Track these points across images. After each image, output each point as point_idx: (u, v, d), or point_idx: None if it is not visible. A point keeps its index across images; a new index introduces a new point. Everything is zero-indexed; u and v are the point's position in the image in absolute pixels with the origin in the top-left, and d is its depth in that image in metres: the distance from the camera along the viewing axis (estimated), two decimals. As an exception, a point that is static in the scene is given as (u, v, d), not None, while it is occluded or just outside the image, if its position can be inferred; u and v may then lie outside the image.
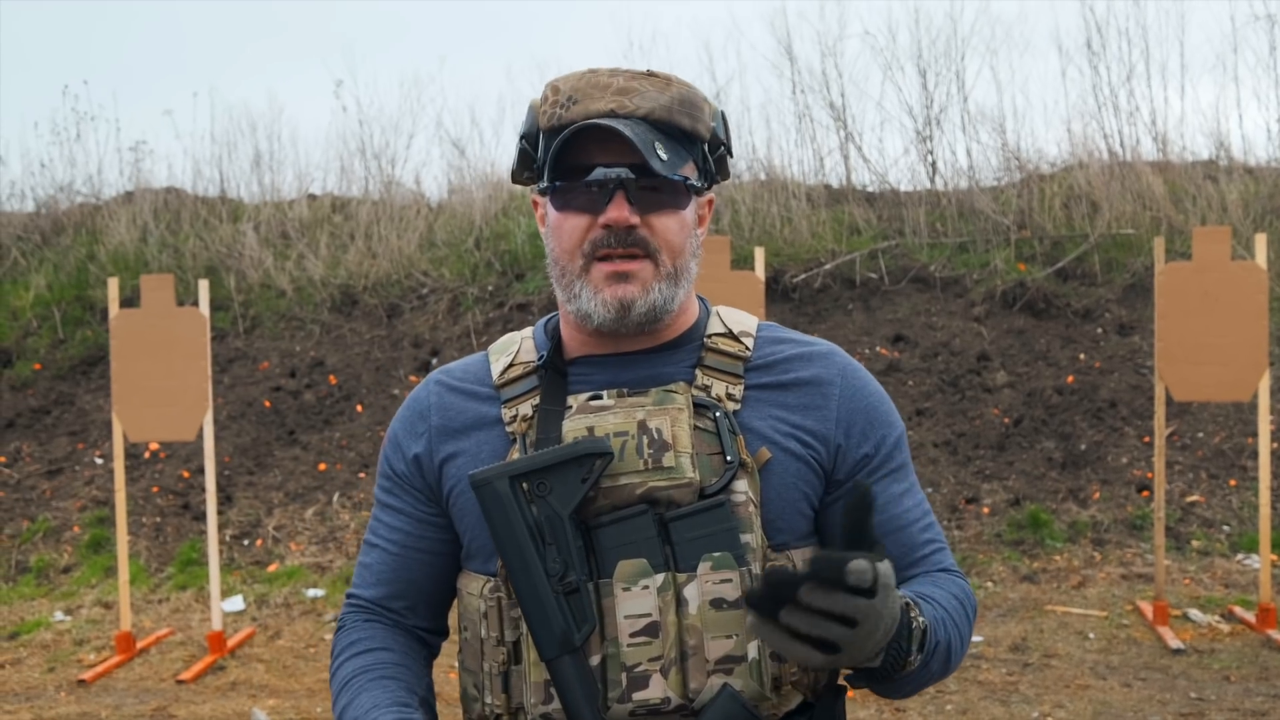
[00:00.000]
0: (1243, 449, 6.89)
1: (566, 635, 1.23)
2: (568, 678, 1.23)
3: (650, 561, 1.26)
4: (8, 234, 9.70)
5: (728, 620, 1.25)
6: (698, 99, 1.34)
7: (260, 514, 7.10)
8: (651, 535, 1.26)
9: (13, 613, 6.45)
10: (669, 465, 1.28)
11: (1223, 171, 9.12)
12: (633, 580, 1.26)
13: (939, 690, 4.91)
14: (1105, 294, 8.03)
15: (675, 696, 1.25)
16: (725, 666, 1.25)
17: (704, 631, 1.25)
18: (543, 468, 1.26)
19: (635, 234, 1.31)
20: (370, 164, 10.35)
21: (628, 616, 1.25)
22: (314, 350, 8.27)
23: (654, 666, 1.25)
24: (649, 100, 1.30)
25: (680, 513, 1.27)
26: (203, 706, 5.05)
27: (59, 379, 8.34)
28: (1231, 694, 4.75)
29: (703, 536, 1.26)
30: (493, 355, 1.45)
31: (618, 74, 1.32)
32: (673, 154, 1.31)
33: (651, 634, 1.25)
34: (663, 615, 1.25)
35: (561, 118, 1.31)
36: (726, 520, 1.27)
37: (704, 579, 1.25)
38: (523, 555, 1.25)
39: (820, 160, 10.11)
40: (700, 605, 1.25)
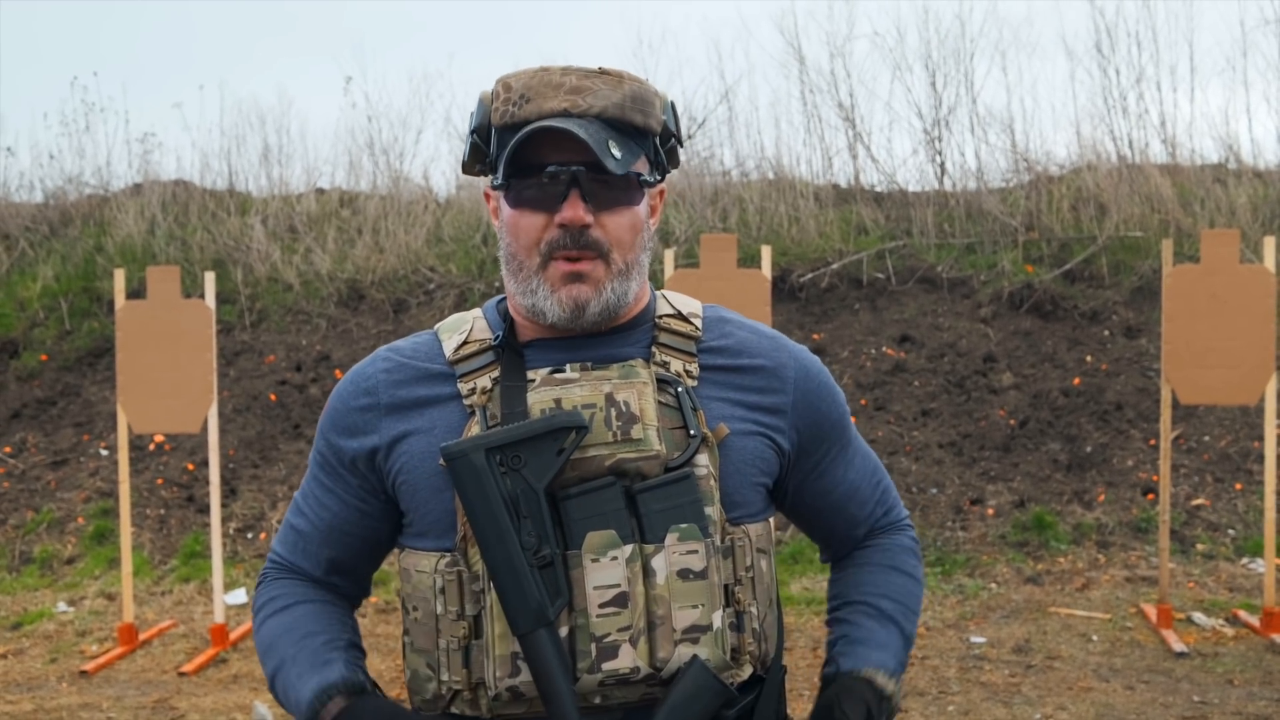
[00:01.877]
0: (1249, 453, 6.87)
1: (541, 609, 1.24)
2: (543, 651, 1.24)
3: (619, 533, 1.27)
4: (16, 225, 9.72)
5: (694, 590, 1.28)
6: (649, 94, 1.35)
7: (264, 507, 7.11)
8: (620, 507, 1.28)
9: (16, 603, 6.46)
10: (638, 437, 1.30)
11: (1231, 175, 9.10)
12: (601, 551, 1.27)
13: (941, 691, 4.91)
14: (1113, 296, 8.01)
15: (644, 666, 1.27)
16: (692, 636, 1.27)
17: (671, 601, 1.27)
18: (518, 440, 1.26)
19: (588, 235, 1.32)
20: (379, 159, 10.37)
21: (597, 587, 1.26)
22: (320, 344, 8.27)
23: (623, 636, 1.26)
24: (601, 99, 1.31)
25: (649, 484, 1.29)
26: (204, 699, 5.05)
27: (65, 370, 8.35)
28: (1235, 698, 4.73)
29: (670, 508, 1.29)
30: (443, 333, 1.44)
31: (570, 72, 1.32)
32: (625, 151, 1.32)
33: (620, 604, 1.26)
34: (631, 585, 1.27)
35: (515, 115, 1.32)
36: (692, 492, 1.30)
37: (671, 550, 1.28)
38: (498, 528, 1.25)
39: (828, 160, 10.10)
40: (668, 575, 1.28)
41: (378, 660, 5.52)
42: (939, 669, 5.18)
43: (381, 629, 5.93)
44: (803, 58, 10.41)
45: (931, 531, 6.66)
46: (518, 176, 1.34)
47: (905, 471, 7.03)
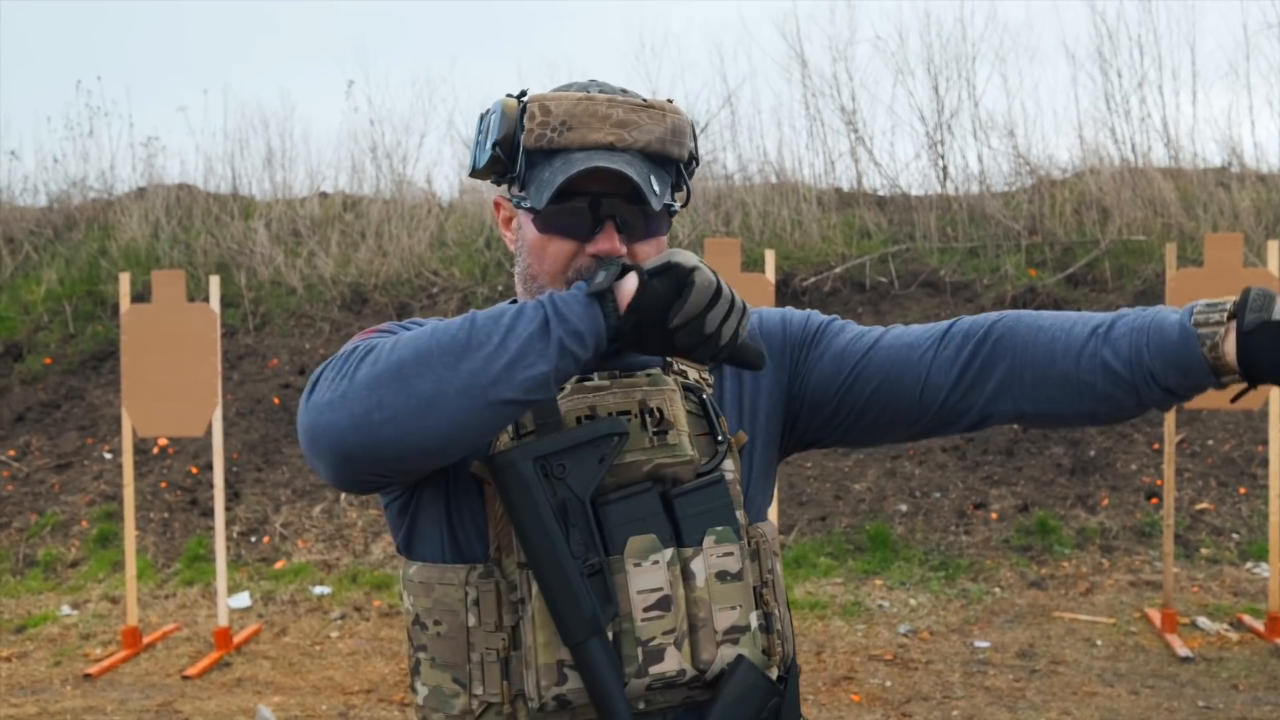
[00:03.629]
0: (1253, 457, 6.87)
1: (595, 618, 1.23)
2: (597, 660, 1.23)
3: (659, 537, 1.28)
4: (20, 228, 9.73)
5: (732, 592, 1.30)
6: (685, 125, 1.35)
7: (268, 511, 7.11)
8: (658, 511, 1.29)
9: (20, 606, 6.46)
10: (673, 443, 1.31)
11: (1235, 178, 9.09)
12: (643, 556, 1.28)
13: (945, 696, 4.90)
14: (1116, 300, 8.00)
15: (689, 668, 1.28)
16: (732, 636, 1.30)
17: (711, 603, 1.29)
18: (562, 449, 1.26)
19: None
20: (382, 163, 10.38)
21: (640, 591, 1.27)
22: (324, 348, 8.28)
23: (668, 640, 1.27)
24: (646, 134, 1.30)
25: (685, 489, 1.31)
26: (208, 702, 5.05)
27: (69, 373, 8.36)
28: (1240, 702, 4.73)
29: (705, 512, 1.30)
30: None
31: (616, 104, 1.30)
32: (662, 184, 1.32)
33: (664, 608, 1.27)
34: (673, 589, 1.28)
35: (554, 141, 1.29)
36: (725, 496, 1.32)
37: (709, 552, 1.30)
38: (549, 538, 1.24)
39: (831, 164, 10.11)
40: (707, 578, 1.29)
41: (382, 664, 5.52)
42: (943, 674, 5.18)
43: (385, 633, 5.93)
44: (805, 61, 10.43)
45: (935, 536, 6.65)
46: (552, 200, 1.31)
47: (908, 476, 7.03)
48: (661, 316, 1.20)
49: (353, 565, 6.66)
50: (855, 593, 6.20)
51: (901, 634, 5.69)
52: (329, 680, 5.33)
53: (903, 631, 5.71)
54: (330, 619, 6.12)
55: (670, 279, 1.21)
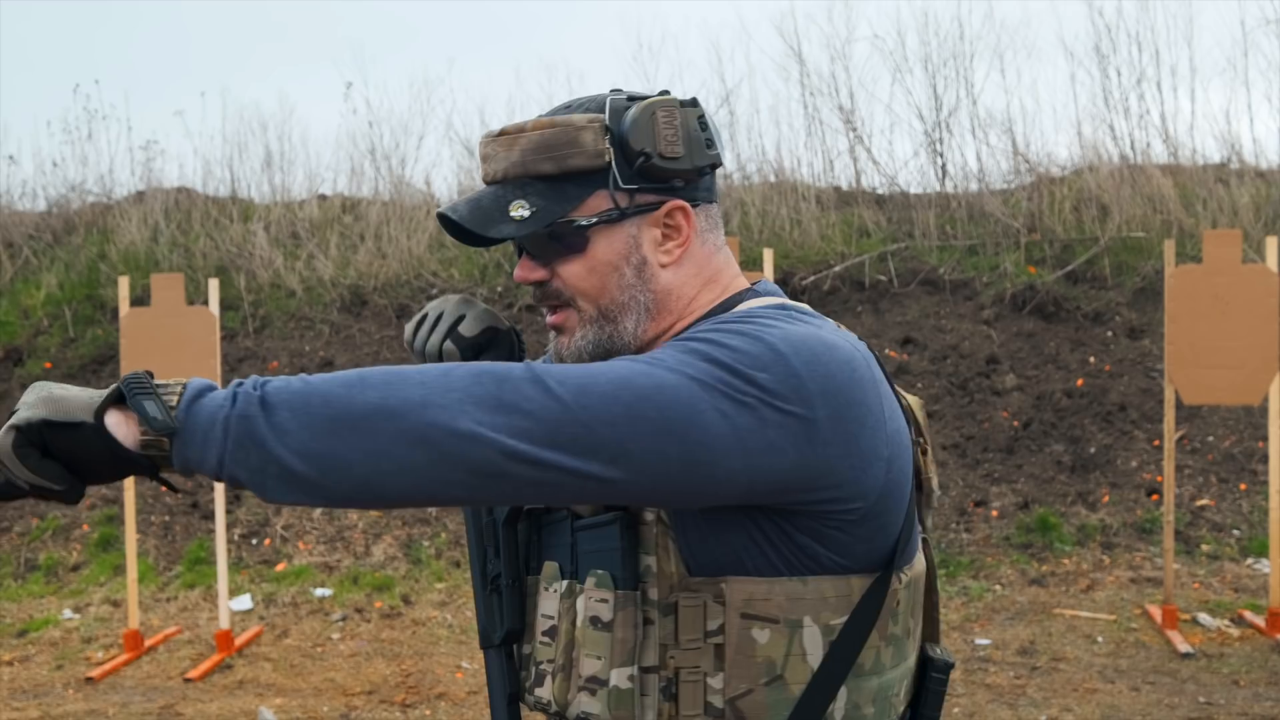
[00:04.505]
0: (1253, 453, 6.87)
1: (487, 632, 1.35)
2: (490, 669, 1.36)
3: (561, 567, 1.28)
4: (19, 233, 9.73)
5: (598, 640, 1.21)
6: (561, 137, 1.27)
7: (268, 513, 7.11)
8: (566, 542, 1.28)
9: (21, 610, 6.47)
10: None
11: (1233, 175, 9.09)
12: (549, 581, 1.30)
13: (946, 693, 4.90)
14: (1115, 297, 8.01)
15: (555, 702, 1.27)
16: (590, 687, 1.22)
17: (581, 646, 1.23)
18: None
19: (549, 287, 1.32)
20: (380, 165, 10.37)
21: (542, 615, 1.31)
22: (323, 350, 8.28)
23: (549, 668, 1.29)
24: (500, 162, 1.30)
25: (581, 524, 1.26)
26: (210, 705, 5.05)
27: (69, 377, 8.36)
28: (1241, 698, 4.73)
29: (594, 551, 1.24)
30: None
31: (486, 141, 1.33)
32: (550, 201, 1.27)
33: (551, 637, 1.29)
34: (560, 621, 1.27)
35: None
36: (613, 539, 1.21)
37: (588, 594, 1.23)
38: (472, 550, 1.39)
39: (830, 162, 10.11)
40: (583, 619, 1.23)
41: (383, 665, 5.52)
42: (944, 671, 5.18)
43: (386, 634, 5.93)
44: (803, 60, 10.44)
45: (935, 533, 6.66)
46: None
47: (909, 474, 7.03)
48: None
49: (354, 567, 6.66)
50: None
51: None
52: (330, 682, 5.34)
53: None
54: (331, 621, 6.12)
55: None
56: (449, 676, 5.34)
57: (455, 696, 5.09)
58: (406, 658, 5.61)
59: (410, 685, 5.24)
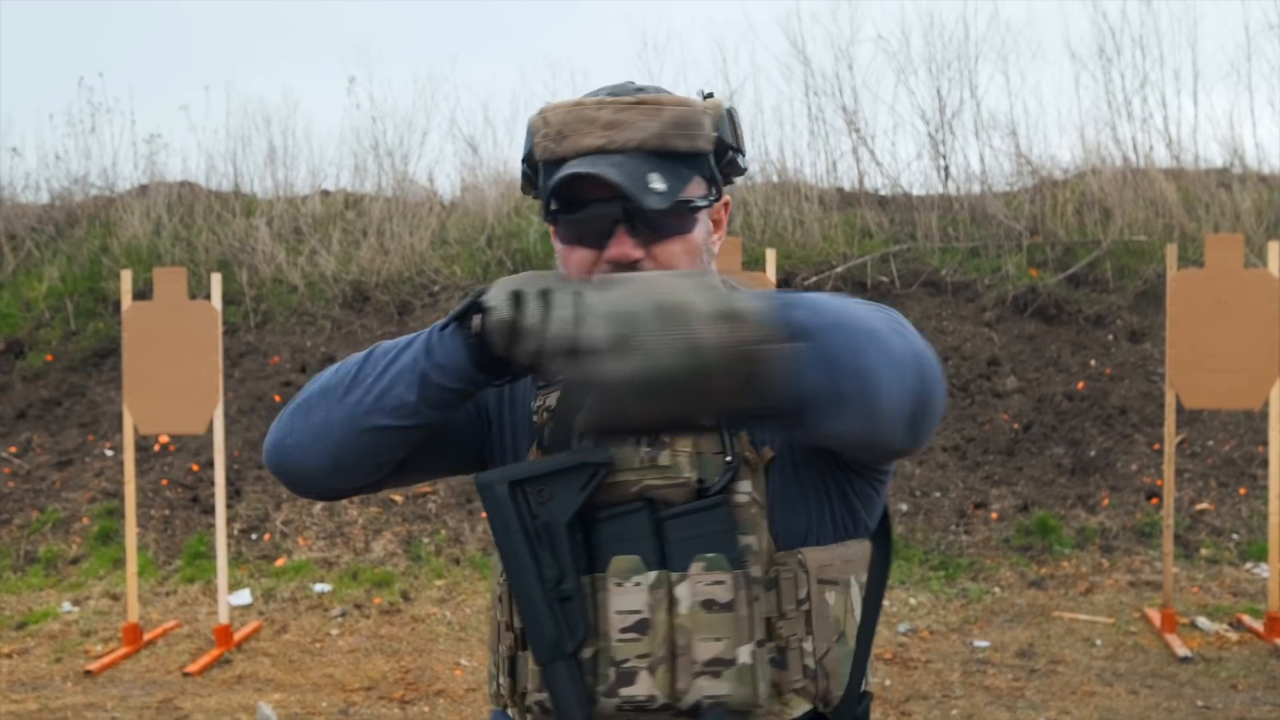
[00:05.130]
0: (1253, 457, 6.87)
1: (558, 643, 1.25)
2: (559, 683, 1.25)
3: (644, 559, 1.26)
4: (22, 225, 9.74)
5: (718, 622, 1.24)
6: (693, 116, 1.30)
7: (268, 508, 7.12)
8: (648, 533, 1.26)
9: (21, 603, 6.47)
10: (664, 464, 1.27)
11: (1236, 179, 9.09)
12: (625, 576, 1.26)
13: (944, 695, 4.91)
14: (1117, 300, 8.01)
15: (661, 695, 1.24)
16: (713, 669, 1.24)
17: (693, 632, 1.24)
18: (543, 474, 1.27)
19: (640, 268, 1.29)
20: (384, 161, 10.37)
21: (618, 612, 1.25)
22: (325, 346, 8.28)
23: (641, 664, 1.25)
24: (639, 131, 1.27)
25: (673, 512, 1.26)
26: (209, 699, 5.06)
27: (70, 370, 8.37)
28: (1239, 703, 4.73)
29: (695, 537, 1.25)
30: None
31: (605, 105, 1.27)
32: (672, 179, 1.28)
33: (640, 631, 1.25)
34: (654, 613, 1.25)
35: (553, 152, 1.29)
36: (722, 521, 1.26)
37: (695, 579, 1.24)
38: (518, 560, 1.27)
39: (832, 163, 10.10)
40: (691, 605, 1.24)
41: (382, 661, 5.53)
42: (942, 673, 5.18)
43: (385, 630, 5.94)
44: (807, 60, 10.43)
45: (935, 535, 6.66)
46: (564, 212, 1.31)
47: (909, 475, 7.03)
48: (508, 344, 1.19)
49: (353, 563, 6.66)
50: (855, 592, 6.20)
51: (901, 633, 5.69)
52: (329, 678, 5.34)
53: (902, 631, 5.71)
54: (331, 616, 6.13)
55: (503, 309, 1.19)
56: (448, 673, 5.34)
57: (454, 693, 5.10)
58: (405, 654, 5.62)
59: (409, 682, 5.24)
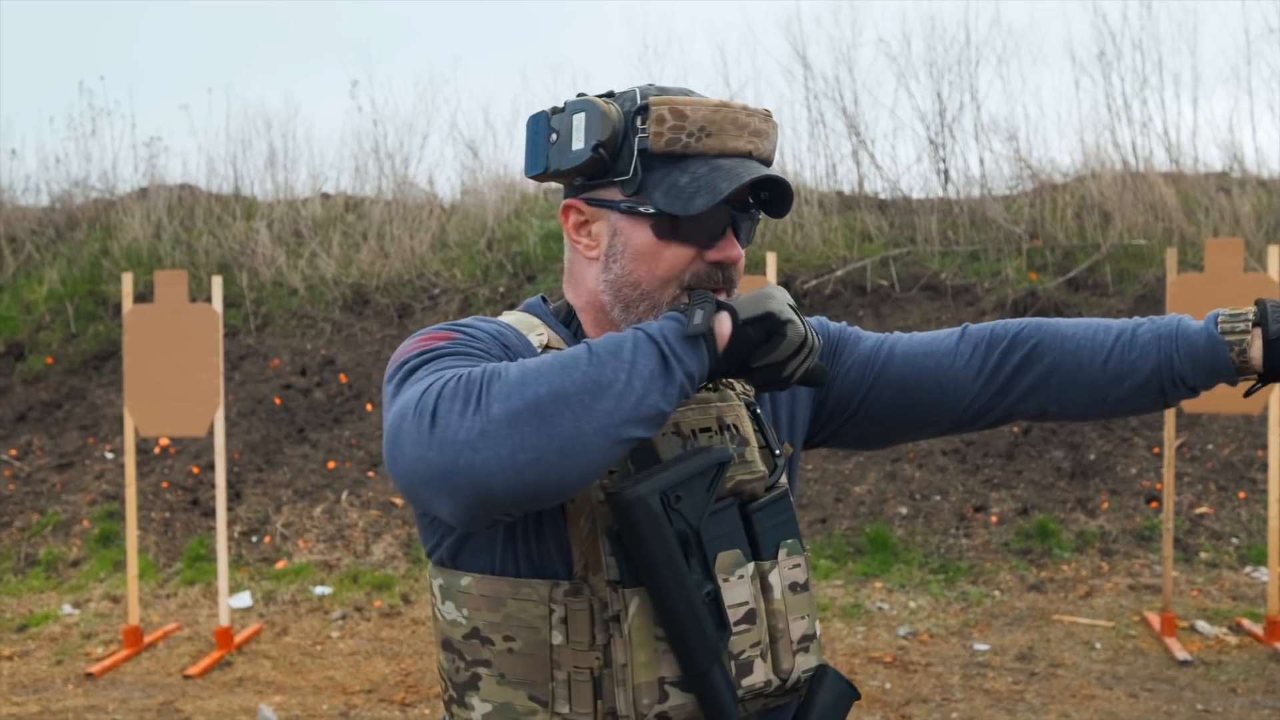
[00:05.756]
0: (1252, 461, 6.88)
1: (717, 647, 1.24)
2: (719, 687, 1.24)
3: (742, 552, 1.31)
4: (22, 228, 9.74)
5: (802, 602, 1.36)
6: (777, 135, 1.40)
7: (269, 511, 7.12)
8: (739, 527, 1.32)
9: (21, 605, 6.47)
10: (750, 459, 1.35)
11: (1235, 183, 9.10)
12: (730, 570, 1.29)
13: (944, 698, 4.91)
14: (1117, 304, 8.02)
15: (774, 678, 1.32)
16: (804, 644, 1.35)
17: (788, 614, 1.34)
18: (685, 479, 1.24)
19: (734, 269, 1.35)
20: (384, 164, 10.38)
21: (731, 606, 1.28)
22: (325, 349, 8.29)
23: (755, 652, 1.30)
24: (771, 144, 1.34)
25: (760, 503, 1.34)
26: (209, 702, 5.06)
27: (71, 373, 8.37)
28: (1238, 706, 4.74)
29: (777, 525, 1.35)
30: (521, 327, 1.37)
31: (753, 114, 1.32)
32: None
33: (750, 621, 1.30)
34: (757, 602, 1.31)
35: (690, 147, 1.28)
36: (790, 509, 1.38)
37: (783, 564, 1.34)
38: (677, 572, 1.22)
39: (833, 166, 10.11)
40: (783, 590, 1.34)
41: (382, 664, 5.53)
42: (942, 676, 5.19)
43: (386, 633, 5.94)
44: (808, 64, 10.44)
45: (935, 539, 6.67)
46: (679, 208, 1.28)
47: (908, 479, 7.04)
48: (747, 359, 1.24)
49: (353, 565, 6.67)
50: (855, 595, 6.21)
51: (901, 636, 5.70)
52: (330, 680, 5.34)
53: (902, 634, 5.72)
54: (331, 619, 6.13)
55: (762, 328, 1.23)
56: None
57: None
58: (406, 656, 5.62)
59: (410, 684, 5.24)
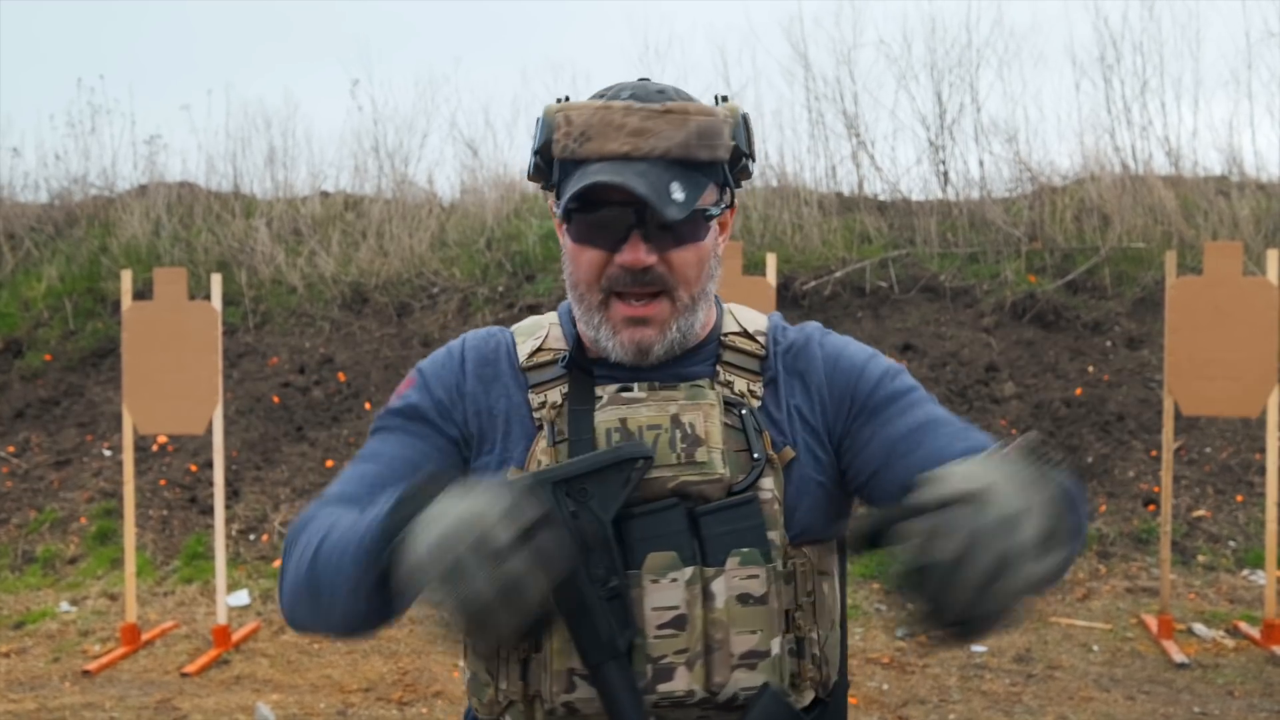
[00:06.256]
0: (1250, 464, 6.88)
1: (612, 642, 1.23)
2: (613, 682, 1.23)
3: (680, 555, 1.27)
4: (21, 225, 9.74)
5: (753, 615, 1.27)
6: (716, 127, 1.31)
7: (267, 509, 7.12)
8: (682, 529, 1.27)
9: (19, 602, 6.47)
10: (702, 460, 1.29)
11: (1235, 187, 9.11)
12: (661, 573, 1.26)
13: (942, 700, 4.92)
14: (1115, 307, 8.02)
15: (700, 689, 1.26)
16: (749, 662, 1.27)
17: (730, 626, 1.27)
18: (584, 473, 1.24)
19: (652, 273, 1.30)
20: (384, 162, 10.38)
21: (655, 609, 1.26)
22: (324, 347, 8.29)
23: (679, 659, 1.26)
24: (664, 140, 1.27)
25: (710, 508, 1.29)
26: (207, 700, 5.06)
27: (69, 370, 8.37)
28: (1235, 709, 4.74)
29: (731, 532, 1.28)
30: (519, 336, 1.43)
31: (632, 112, 1.28)
32: (690, 189, 1.29)
33: (678, 626, 1.26)
34: (690, 608, 1.26)
35: (574, 152, 1.29)
36: (755, 517, 1.29)
37: (731, 574, 1.27)
38: None
39: (832, 168, 10.12)
40: (727, 600, 1.27)
41: (380, 663, 5.53)
42: (940, 677, 5.19)
43: (383, 632, 5.93)
44: (809, 65, 10.44)
45: (933, 540, 6.66)
46: (580, 211, 1.31)
47: (907, 480, 7.04)
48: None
49: (351, 564, 6.66)
50: (853, 596, 6.21)
51: (899, 638, 5.70)
52: (327, 678, 5.34)
53: (900, 635, 5.72)
54: (328, 618, 6.12)
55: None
56: (446, 675, 5.35)
57: (452, 695, 5.10)
58: (404, 655, 5.62)
59: (407, 683, 5.24)
